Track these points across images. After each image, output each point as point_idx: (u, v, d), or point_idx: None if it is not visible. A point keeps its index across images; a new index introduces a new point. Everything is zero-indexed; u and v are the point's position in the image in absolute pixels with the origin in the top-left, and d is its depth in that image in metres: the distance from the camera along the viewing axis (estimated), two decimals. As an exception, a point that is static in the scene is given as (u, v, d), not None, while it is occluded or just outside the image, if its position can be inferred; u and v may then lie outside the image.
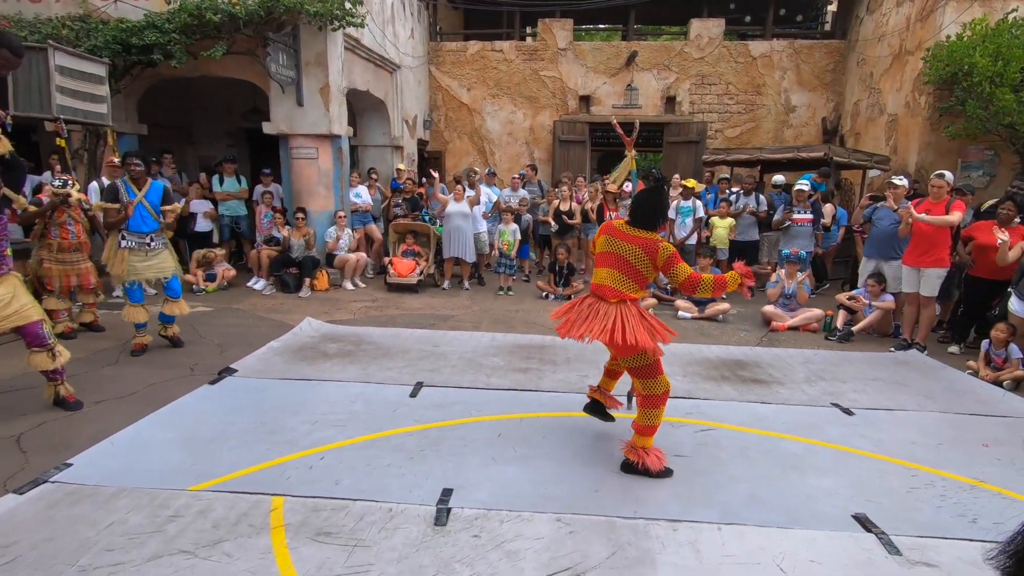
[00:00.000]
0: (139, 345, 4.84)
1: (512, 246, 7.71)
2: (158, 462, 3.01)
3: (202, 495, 2.69)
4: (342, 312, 6.48)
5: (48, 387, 3.71)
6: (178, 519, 2.50)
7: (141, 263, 4.68)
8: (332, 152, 7.80)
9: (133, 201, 4.59)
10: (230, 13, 6.63)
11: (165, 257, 4.81)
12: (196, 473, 2.89)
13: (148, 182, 4.73)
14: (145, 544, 2.33)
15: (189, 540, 2.36)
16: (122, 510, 2.55)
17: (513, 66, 12.04)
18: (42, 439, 3.28)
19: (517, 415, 3.73)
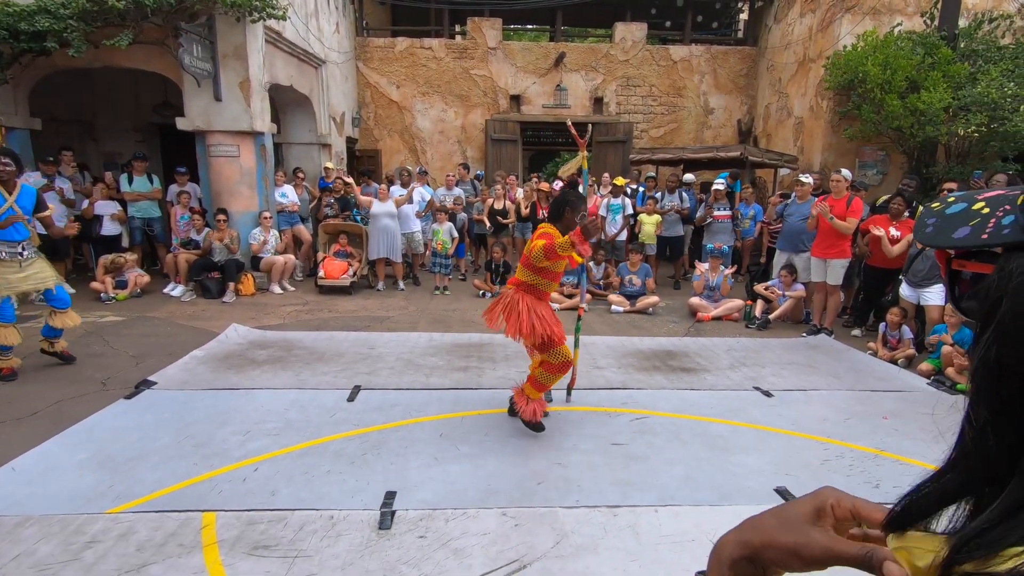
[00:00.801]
0: (7, 370, 4.20)
1: (447, 245, 7.67)
2: (69, 486, 2.77)
3: (122, 517, 2.51)
4: (271, 317, 6.21)
5: None
6: (96, 545, 2.32)
7: (15, 275, 4.17)
8: (255, 150, 7.44)
9: (3, 207, 4.11)
10: (136, 0, 6.17)
11: (42, 266, 4.32)
12: (114, 495, 2.69)
13: (18, 185, 4.25)
14: (59, 575, 2.14)
15: (111, 567, 2.19)
16: (29, 540, 2.34)
17: (443, 64, 11.95)
18: (-73, 469, 2.93)
19: (458, 414, 3.73)
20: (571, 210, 3.26)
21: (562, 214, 3.27)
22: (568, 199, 3.31)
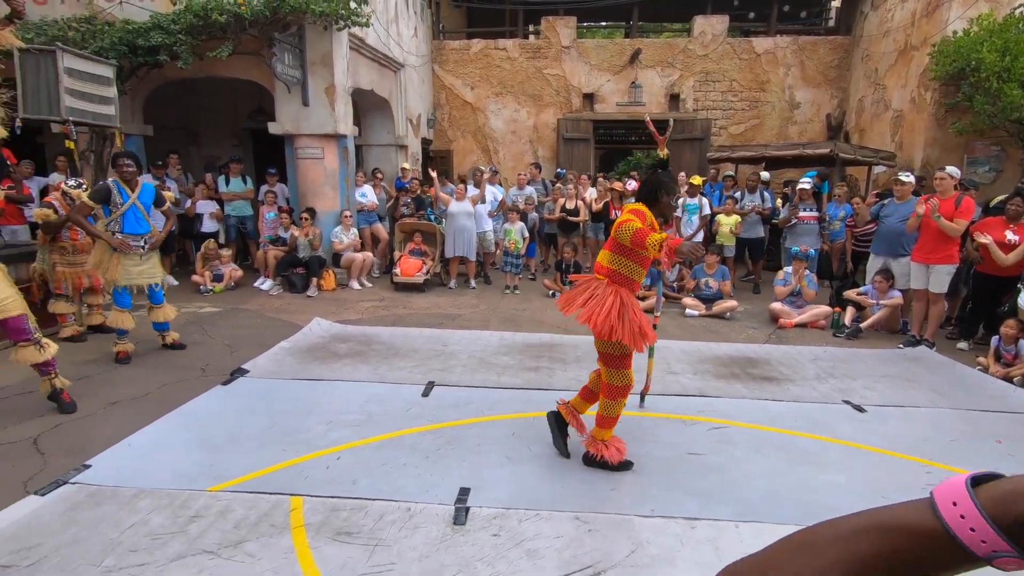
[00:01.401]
0: (123, 353, 4.65)
1: (519, 245, 7.71)
2: (176, 463, 3.02)
3: (221, 496, 2.70)
4: (350, 312, 6.49)
5: (44, 382, 3.69)
6: (199, 519, 2.51)
7: (135, 267, 4.61)
8: (338, 152, 7.81)
9: (127, 204, 4.56)
10: (236, 13, 6.63)
11: (155, 263, 4.78)
12: (214, 474, 2.91)
13: (140, 183, 4.69)
14: (168, 544, 2.34)
15: (212, 540, 2.37)
16: (144, 511, 2.57)
17: (517, 64, 12.03)
18: (59, 441, 3.30)
19: (530, 414, 3.73)
20: (666, 193, 3.00)
21: (656, 197, 3.00)
22: (662, 181, 3.03)
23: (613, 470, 3.00)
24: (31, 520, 2.49)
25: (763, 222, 7.96)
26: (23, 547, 2.31)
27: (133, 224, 4.57)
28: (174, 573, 2.18)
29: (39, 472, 2.95)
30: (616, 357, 2.95)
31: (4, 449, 3.19)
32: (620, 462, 3.01)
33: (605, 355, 2.99)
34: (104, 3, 7.14)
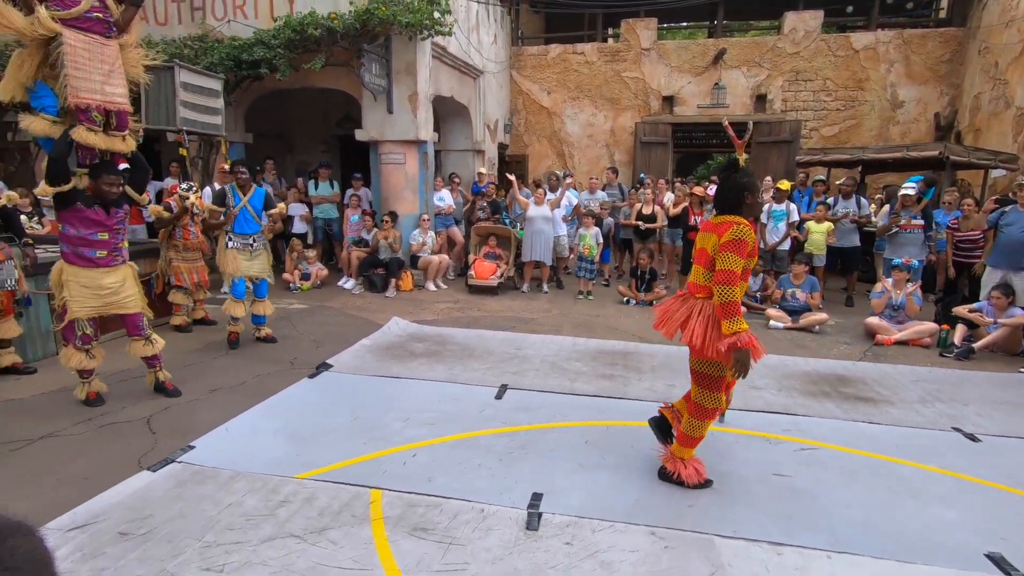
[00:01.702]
0: (234, 335, 5.18)
1: (593, 250, 7.63)
2: (267, 449, 3.22)
3: (308, 483, 2.85)
4: (426, 312, 6.67)
5: (149, 374, 4.06)
6: (288, 505, 2.66)
7: (246, 262, 5.07)
8: (418, 157, 8.07)
9: (238, 206, 4.96)
10: (329, 27, 7.03)
11: (264, 259, 5.18)
12: (301, 462, 3.07)
13: (252, 188, 5.08)
14: (260, 526, 2.50)
15: (298, 525, 2.50)
16: (239, 492, 2.76)
17: (594, 68, 11.93)
18: (169, 422, 3.61)
19: (604, 422, 3.67)
20: (750, 193, 2.71)
21: (740, 201, 2.70)
22: (742, 182, 2.72)
23: (690, 489, 2.89)
24: (144, 493, 2.74)
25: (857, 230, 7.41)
26: (138, 517, 2.55)
27: (243, 225, 4.99)
28: (265, 553, 2.32)
29: (151, 450, 3.24)
30: (711, 378, 2.79)
31: (122, 427, 3.54)
32: (697, 482, 2.89)
33: (699, 374, 2.82)
34: (214, 22, 7.79)
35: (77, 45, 3.36)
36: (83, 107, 3.42)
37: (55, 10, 3.31)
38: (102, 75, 3.48)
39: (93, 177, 3.59)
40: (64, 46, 3.31)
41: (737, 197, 2.73)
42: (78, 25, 3.39)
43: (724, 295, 2.58)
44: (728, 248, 2.60)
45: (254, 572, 2.21)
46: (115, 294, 3.76)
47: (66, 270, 3.65)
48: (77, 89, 3.36)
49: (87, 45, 3.41)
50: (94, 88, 3.44)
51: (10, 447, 3.25)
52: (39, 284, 4.73)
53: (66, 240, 3.63)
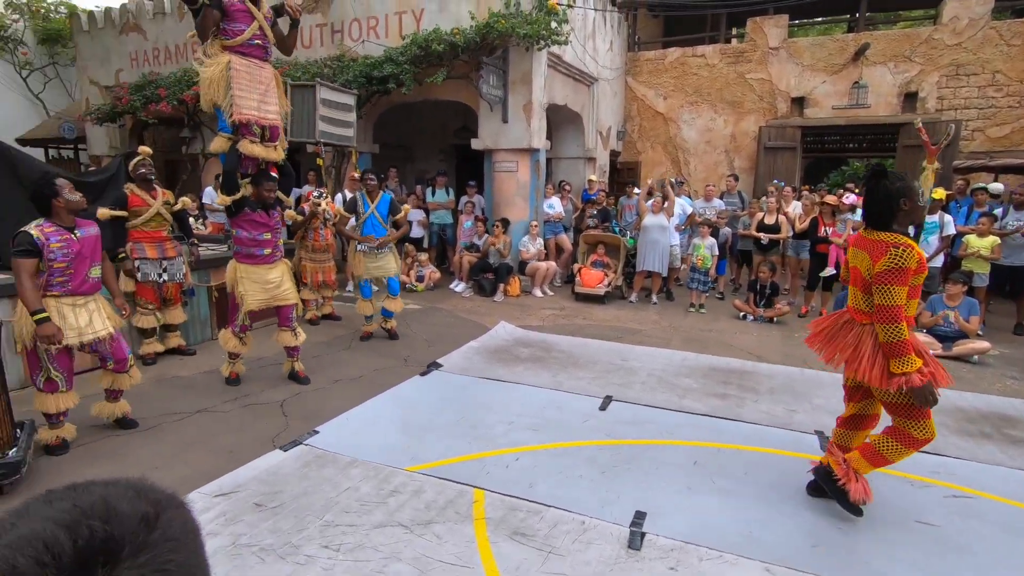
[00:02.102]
0: (366, 332, 5.65)
1: (707, 261, 7.26)
2: (381, 440, 3.43)
3: (416, 477, 2.99)
4: (532, 318, 6.74)
5: (287, 362, 4.50)
6: (397, 495, 2.81)
7: (372, 264, 5.44)
8: (530, 165, 8.19)
9: (367, 212, 5.35)
10: (452, 42, 7.38)
11: (389, 260, 5.52)
12: (411, 455, 3.23)
13: (380, 194, 5.45)
14: (372, 512, 2.66)
15: (407, 516, 2.63)
16: (355, 478, 2.96)
17: (715, 71, 11.40)
18: (299, 407, 3.97)
19: (715, 444, 3.47)
20: (907, 199, 2.43)
21: (895, 208, 2.41)
22: (897, 187, 2.43)
23: (843, 506, 2.64)
24: (276, 470, 3.03)
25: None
26: (270, 491, 2.82)
27: (370, 229, 5.39)
28: (375, 539, 2.46)
29: (283, 431, 3.58)
30: (908, 407, 2.46)
31: (261, 408, 3.95)
32: (857, 502, 2.60)
33: (893, 405, 2.51)
34: (350, 43, 8.50)
35: (240, 69, 3.84)
36: (244, 122, 3.90)
37: (223, 39, 3.82)
38: (259, 94, 3.96)
39: (255, 184, 4.08)
40: (231, 70, 3.80)
41: (890, 206, 2.43)
42: (241, 51, 3.87)
43: (889, 334, 2.32)
44: (886, 280, 2.32)
45: (366, 555, 2.35)
46: (277, 287, 4.24)
47: (239, 268, 4.18)
48: (239, 107, 3.85)
49: (248, 68, 3.89)
50: (252, 106, 3.92)
51: (174, 418, 3.76)
52: (201, 278, 5.44)
53: (239, 242, 4.16)
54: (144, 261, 4.68)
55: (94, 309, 3.26)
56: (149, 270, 4.70)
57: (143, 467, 3.11)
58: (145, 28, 10.29)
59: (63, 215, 3.10)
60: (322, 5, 8.66)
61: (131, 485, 0.45)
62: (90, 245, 3.23)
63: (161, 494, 0.45)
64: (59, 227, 3.09)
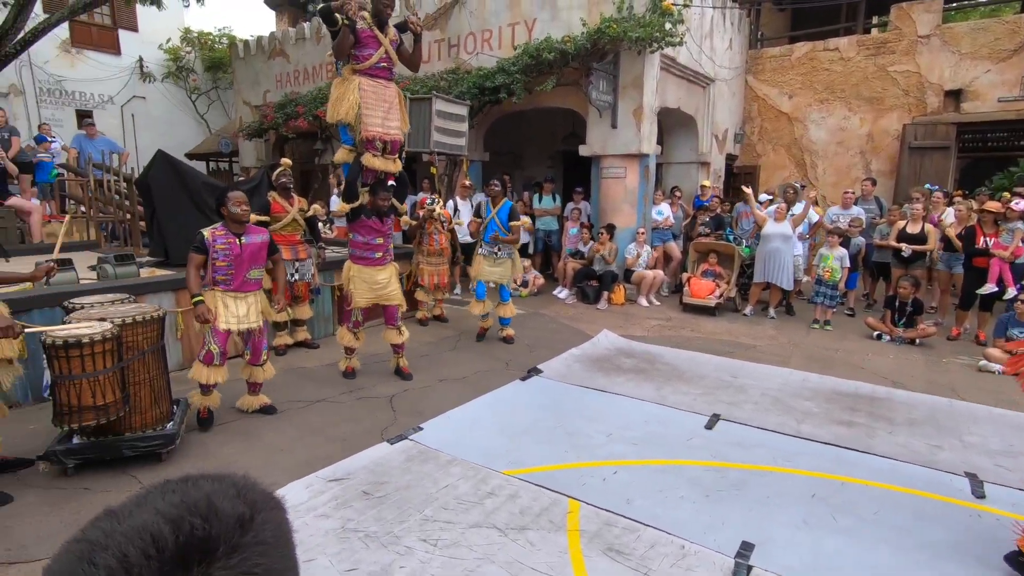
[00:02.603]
0: (482, 329, 5.89)
1: (836, 273, 6.61)
2: (480, 441, 3.51)
3: (513, 481, 3.02)
4: (636, 328, 6.55)
5: (393, 358, 4.80)
6: (493, 497, 2.85)
7: (489, 267, 5.63)
8: (639, 170, 7.99)
9: (488, 217, 5.54)
10: (562, 50, 7.41)
11: (507, 266, 5.68)
12: (509, 459, 3.27)
13: (502, 201, 5.61)
14: (469, 512, 2.72)
15: (501, 519, 2.66)
16: (454, 477, 3.05)
17: (851, 64, 10.38)
18: (406, 402, 4.19)
19: (838, 476, 3.14)
20: None
21: None
22: None
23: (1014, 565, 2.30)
24: (383, 461, 3.21)
25: None
26: (377, 481, 2.99)
27: (491, 234, 5.56)
28: (471, 538, 2.52)
29: (391, 424, 3.79)
30: None
31: (372, 402, 4.21)
32: None
33: None
34: (465, 56, 8.85)
35: (368, 90, 4.18)
36: (370, 139, 4.22)
37: (354, 64, 4.18)
38: (383, 112, 4.29)
39: (372, 194, 4.40)
40: (360, 91, 4.14)
41: None
42: (370, 73, 4.20)
43: None
44: None
45: (461, 553, 2.41)
46: (384, 288, 4.54)
47: (352, 268, 4.54)
48: (367, 125, 4.20)
49: (374, 89, 4.23)
50: (378, 123, 4.26)
51: (298, 405, 4.12)
52: (326, 278, 5.93)
53: (354, 245, 4.52)
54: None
55: (252, 303, 3.70)
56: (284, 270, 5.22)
57: (270, 448, 3.45)
58: (288, 52, 11.48)
59: (229, 223, 3.56)
60: (440, 22, 9.11)
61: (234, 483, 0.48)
62: (252, 251, 3.65)
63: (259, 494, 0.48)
64: (228, 232, 3.54)
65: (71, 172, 8.46)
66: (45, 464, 3.08)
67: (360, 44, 4.17)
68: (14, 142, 7.41)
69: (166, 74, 14.68)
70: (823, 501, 2.88)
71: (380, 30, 4.25)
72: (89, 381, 2.90)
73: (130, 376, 3.16)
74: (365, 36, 4.17)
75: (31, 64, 12.03)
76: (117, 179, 7.25)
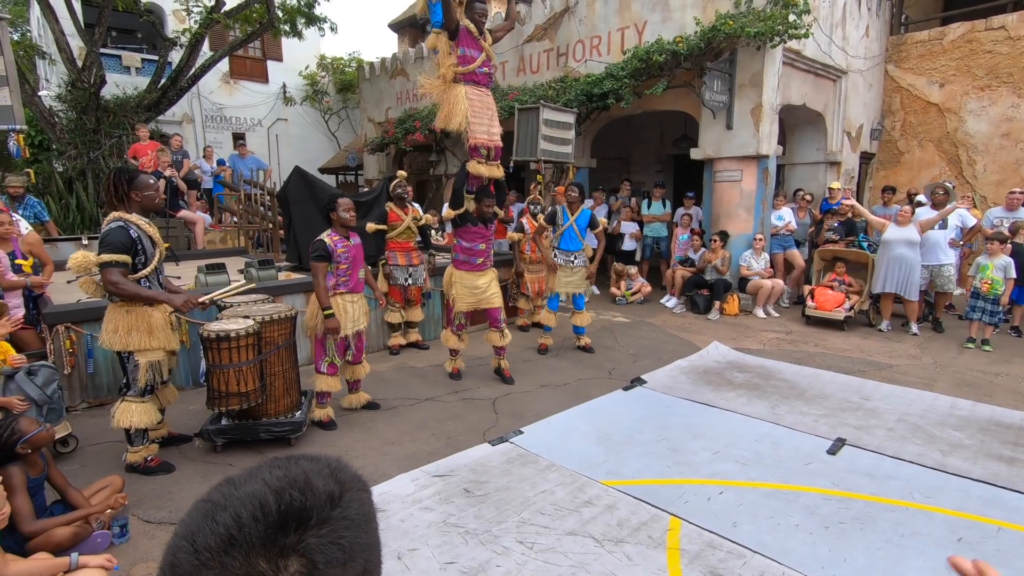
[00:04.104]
0: (543, 345, 5.73)
1: (998, 286, 5.73)
2: (579, 449, 3.50)
3: (611, 491, 2.98)
4: (750, 340, 6.15)
5: (495, 359, 4.91)
6: (591, 506, 2.83)
7: (565, 278, 5.57)
8: (757, 173, 7.51)
9: (566, 224, 5.49)
10: (674, 51, 7.19)
11: (581, 275, 5.59)
12: (607, 469, 3.23)
13: (580, 208, 5.55)
14: (565, 519, 2.73)
15: (598, 529, 2.64)
16: (551, 482, 3.07)
17: (1020, 45, 8.97)
18: (507, 406, 4.29)
19: (991, 520, 2.72)
20: None
21: None
22: None
23: None
24: (484, 461, 3.32)
25: None
26: (478, 480, 3.10)
27: (567, 241, 5.54)
28: (566, 545, 2.52)
29: (492, 426, 3.90)
30: None
31: (476, 403, 4.36)
32: None
33: None
34: (574, 63, 8.89)
35: (473, 98, 4.29)
36: (476, 146, 4.37)
37: (458, 66, 4.25)
38: (488, 119, 4.39)
39: (477, 200, 4.55)
40: (467, 99, 4.24)
41: None
42: (472, 79, 4.30)
43: None
44: None
45: (556, 559, 2.43)
46: (484, 292, 4.69)
47: (454, 274, 4.73)
48: (474, 133, 4.30)
49: (479, 96, 4.33)
50: (483, 130, 4.36)
51: (409, 402, 4.38)
52: (437, 283, 6.24)
53: (459, 251, 4.71)
54: (396, 267, 5.57)
55: (361, 305, 4.00)
56: (399, 275, 5.58)
57: (382, 440, 3.70)
58: (408, 71, 12.26)
59: (339, 227, 3.87)
60: (550, 32, 9.23)
61: (328, 463, 0.55)
62: (359, 252, 3.97)
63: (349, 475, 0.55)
64: (341, 236, 3.86)
65: (227, 187, 9.69)
66: (200, 441, 3.56)
67: (461, 42, 4.19)
68: (185, 164, 8.64)
69: (304, 97, 16.33)
70: (972, 547, 2.52)
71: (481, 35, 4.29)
72: (235, 370, 3.31)
73: (267, 368, 3.56)
74: (465, 35, 4.21)
75: (199, 95, 13.97)
76: (262, 192, 8.19)
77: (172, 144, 8.68)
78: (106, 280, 2.97)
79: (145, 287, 3.12)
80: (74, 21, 9.92)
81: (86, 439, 3.66)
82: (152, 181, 3.22)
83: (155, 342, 3.15)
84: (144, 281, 3.13)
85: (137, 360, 3.12)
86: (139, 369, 3.12)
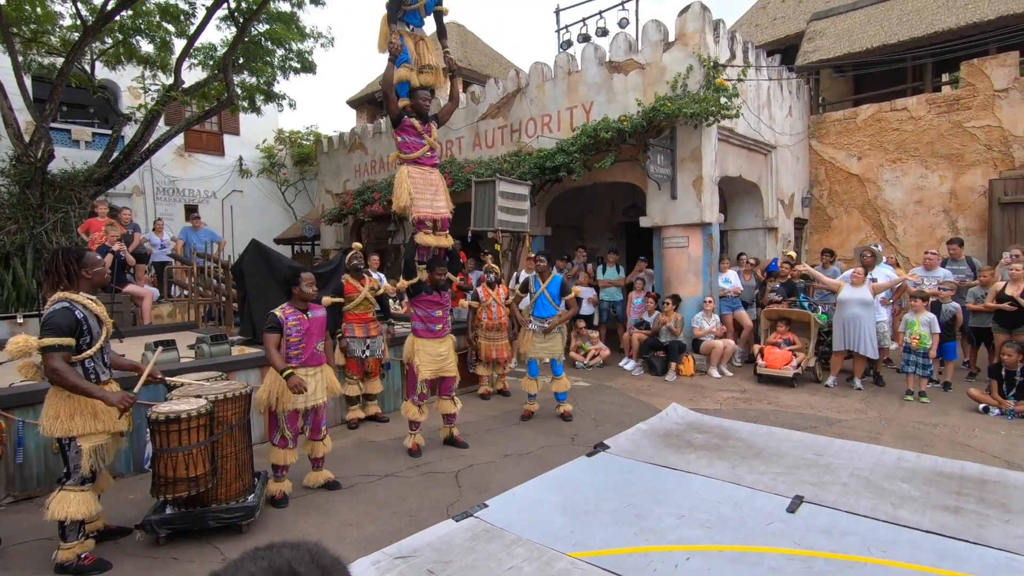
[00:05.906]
0: (528, 412, 5.74)
1: (925, 340, 6.14)
2: (545, 520, 3.44)
3: (579, 564, 2.92)
4: (707, 401, 6.30)
5: (444, 428, 4.89)
6: (559, 581, 2.77)
7: (540, 344, 5.64)
8: (703, 239, 7.95)
9: (538, 292, 5.64)
10: (619, 129, 7.73)
11: (557, 341, 5.66)
12: (574, 540, 3.18)
13: (551, 275, 5.72)
14: (534, 596, 2.65)
15: (567, 605, 2.57)
16: (518, 558, 2.99)
17: (922, 123, 10.08)
18: (470, 478, 4.19)
19: (944, 572, 2.81)
20: None
21: None
22: None
23: None
24: (448, 539, 3.21)
25: None
26: (441, 559, 2.99)
27: (541, 308, 5.64)
28: (537, 625, 2.44)
29: (456, 501, 3.80)
30: None
31: (438, 477, 4.25)
32: None
33: None
34: (527, 139, 9.39)
35: (416, 176, 4.70)
36: (421, 219, 4.60)
37: (401, 153, 4.78)
38: (431, 195, 4.72)
39: (429, 270, 4.66)
40: (409, 179, 4.61)
41: None
42: (416, 161, 4.76)
43: None
44: None
45: (526, 641, 2.34)
46: (444, 360, 4.69)
47: (416, 342, 4.74)
48: (418, 207, 4.61)
49: (422, 174, 4.75)
50: (427, 205, 4.68)
51: (368, 479, 4.23)
52: (395, 353, 6.18)
53: (417, 319, 4.74)
54: (353, 339, 5.51)
55: (319, 379, 3.92)
56: (356, 347, 5.52)
57: (341, 522, 3.54)
58: (366, 145, 12.61)
59: (298, 301, 3.86)
60: (503, 111, 9.78)
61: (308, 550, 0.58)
62: (318, 325, 3.94)
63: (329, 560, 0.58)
64: (296, 310, 3.84)
65: (178, 261, 9.48)
66: (141, 533, 3.31)
67: (406, 132, 4.70)
68: (136, 237, 8.45)
69: (261, 170, 16.42)
70: (928, 600, 2.58)
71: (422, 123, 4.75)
72: (185, 454, 3.15)
73: (219, 449, 3.40)
74: (408, 125, 4.70)
75: (152, 168, 13.86)
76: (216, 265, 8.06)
77: (122, 218, 8.50)
78: (47, 366, 2.83)
79: (89, 367, 2.99)
80: (24, 97, 9.85)
81: (10, 538, 3.35)
82: (99, 257, 3.18)
83: (100, 425, 2.99)
84: (89, 361, 3.01)
85: (80, 446, 2.94)
86: (82, 455, 2.93)
